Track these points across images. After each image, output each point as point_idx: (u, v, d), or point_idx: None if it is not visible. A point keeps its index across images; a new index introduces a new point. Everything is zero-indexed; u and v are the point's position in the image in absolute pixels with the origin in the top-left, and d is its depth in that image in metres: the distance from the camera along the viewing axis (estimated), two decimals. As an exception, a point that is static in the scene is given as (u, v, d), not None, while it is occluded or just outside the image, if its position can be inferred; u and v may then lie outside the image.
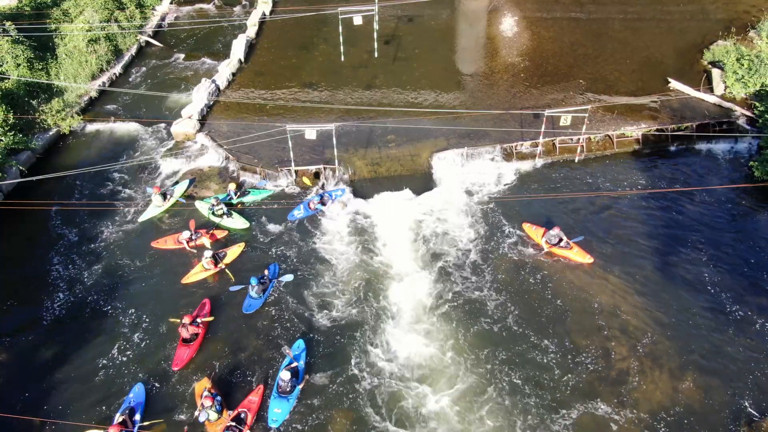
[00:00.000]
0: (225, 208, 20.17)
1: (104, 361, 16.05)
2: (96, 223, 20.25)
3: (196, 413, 14.34)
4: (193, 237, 19.23)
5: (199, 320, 16.56)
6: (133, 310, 17.36)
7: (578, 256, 18.35)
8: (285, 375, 14.74)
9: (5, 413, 14.45)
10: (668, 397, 15.01)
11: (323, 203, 20.25)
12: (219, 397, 14.61)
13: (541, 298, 17.47)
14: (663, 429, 14.39)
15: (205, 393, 14.57)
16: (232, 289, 17.86)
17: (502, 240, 19.28)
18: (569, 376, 15.47)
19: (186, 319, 16.22)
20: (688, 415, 14.62)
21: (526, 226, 19.56)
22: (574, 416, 14.60)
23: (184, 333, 16.24)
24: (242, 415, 14.48)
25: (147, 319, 17.10)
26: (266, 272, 18.13)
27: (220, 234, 19.70)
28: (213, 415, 14.31)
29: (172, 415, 14.72)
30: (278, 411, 14.56)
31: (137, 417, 14.50)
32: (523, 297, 17.49)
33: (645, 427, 14.42)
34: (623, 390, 15.15)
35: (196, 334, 16.37)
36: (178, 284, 18.16)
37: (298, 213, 20.18)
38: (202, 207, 20.60)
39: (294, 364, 15.23)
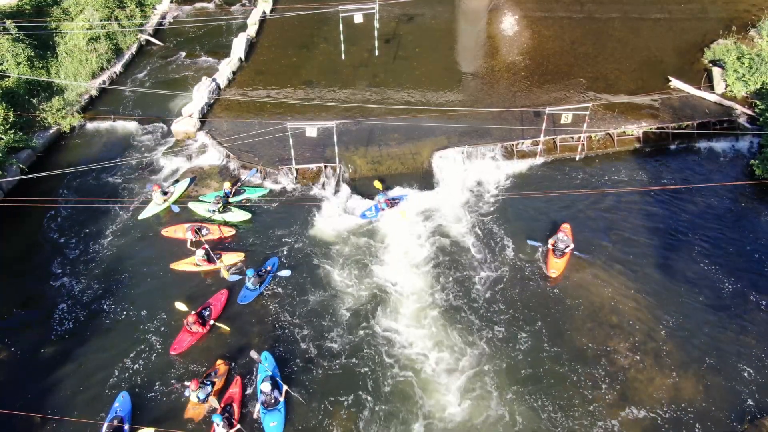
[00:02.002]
0: (224, 205, 20.17)
1: (102, 360, 16.04)
2: (96, 221, 20.23)
3: (185, 387, 14.70)
4: (195, 236, 19.16)
5: (211, 321, 16.66)
6: (131, 309, 17.35)
7: (552, 267, 17.99)
8: (265, 387, 14.50)
9: (5, 410, 14.44)
10: (670, 395, 15.01)
11: (392, 205, 20.04)
12: (209, 388, 14.76)
13: (542, 302, 17.45)
14: (665, 427, 14.39)
15: (208, 377, 15.02)
16: (231, 279, 17.98)
17: (502, 240, 19.23)
18: (572, 380, 15.51)
19: (191, 318, 16.31)
20: (690, 413, 14.63)
21: (564, 226, 19.10)
22: (582, 420, 14.64)
23: (188, 328, 16.38)
24: (228, 408, 14.59)
25: (145, 318, 17.08)
26: (264, 266, 18.27)
27: (227, 232, 19.62)
28: (194, 398, 14.55)
29: (160, 422, 14.50)
30: (274, 424, 14.36)
31: (126, 427, 14.33)
32: (527, 299, 17.45)
33: (647, 425, 14.43)
34: (625, 389, 15.16)
35: (199, 330, 16.45)
36: (178, 283, 18.12)
37: (370, 213, 19.98)
38: (200, 206, 20.55)
39: (269, 373, 15.10)
